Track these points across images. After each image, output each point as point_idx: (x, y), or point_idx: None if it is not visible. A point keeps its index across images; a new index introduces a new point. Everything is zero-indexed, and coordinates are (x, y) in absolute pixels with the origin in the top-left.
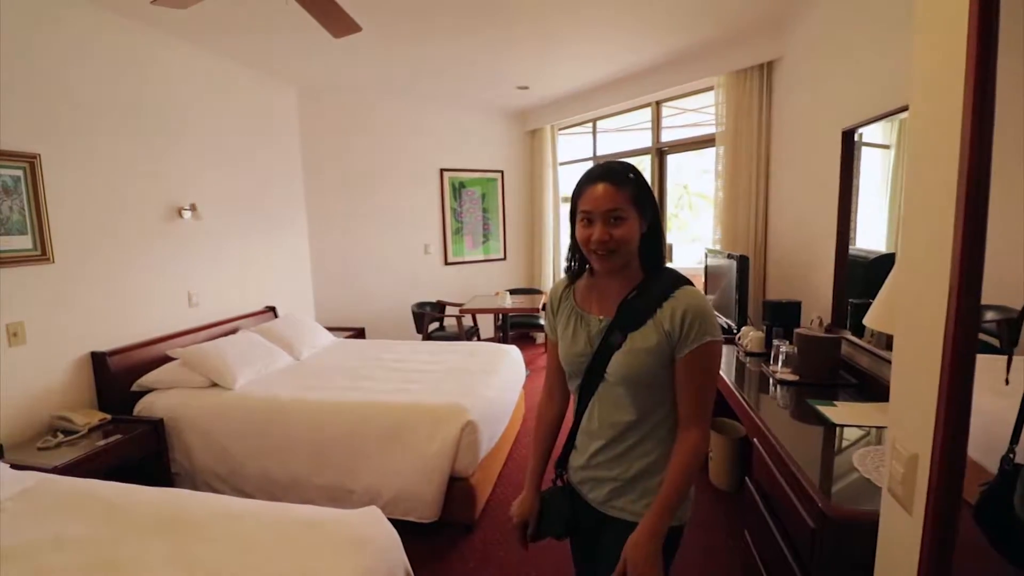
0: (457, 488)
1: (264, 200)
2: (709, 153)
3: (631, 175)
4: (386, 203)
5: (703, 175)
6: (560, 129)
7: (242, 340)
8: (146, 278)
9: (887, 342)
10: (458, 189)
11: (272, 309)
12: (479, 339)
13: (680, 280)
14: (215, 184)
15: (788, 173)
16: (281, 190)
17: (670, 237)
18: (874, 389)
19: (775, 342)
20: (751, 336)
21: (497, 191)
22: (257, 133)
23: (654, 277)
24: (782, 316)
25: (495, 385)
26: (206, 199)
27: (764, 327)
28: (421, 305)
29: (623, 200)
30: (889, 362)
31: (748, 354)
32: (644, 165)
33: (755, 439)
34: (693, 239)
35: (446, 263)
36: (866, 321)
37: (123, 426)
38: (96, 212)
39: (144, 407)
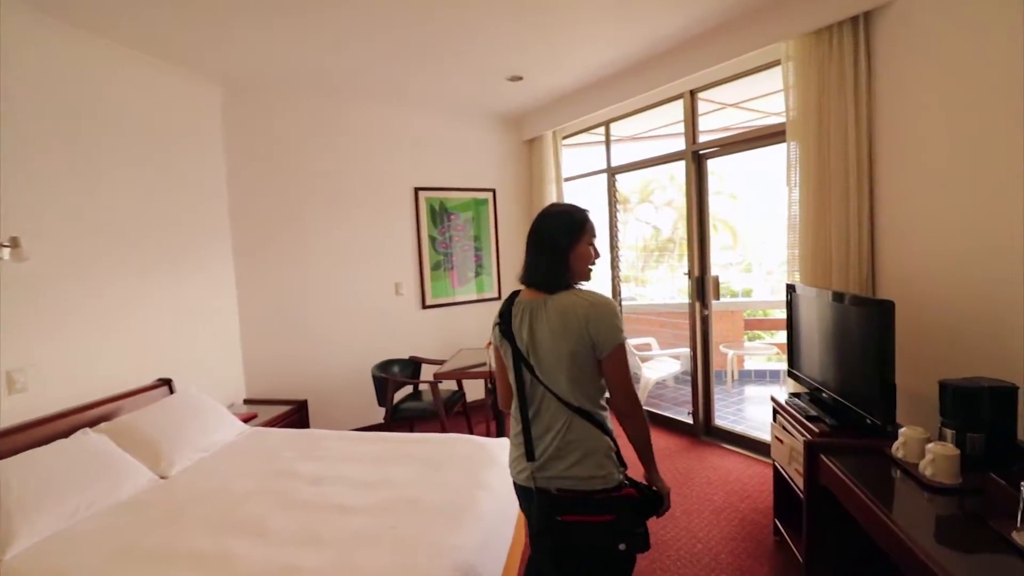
0: None
1: (159, 230)
2: (748, 158)
3: None
4: (342, 232)
5: (733, 194)
6: (565, 137)
7: (66, 453)
8: None
9: None
10: (439, 213)
11: (167, 383)
12: (466, 411)
13: None
14: (72, 208)
15: (922, 170)
16: (190, 217)
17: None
18: None
19: None
20: (936, 453)
21: (489, 214)
22: (150, 140)
23: None
24: (983, 413)
25: (465, 544)
26: (52, 230)
27: (946, 431)
28: (385, 366)
29: None
30: None
31: (932, 488)
32: (677, 172)
33: None
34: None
35: (424, 306)
36: None
37: None
38: None
39: None
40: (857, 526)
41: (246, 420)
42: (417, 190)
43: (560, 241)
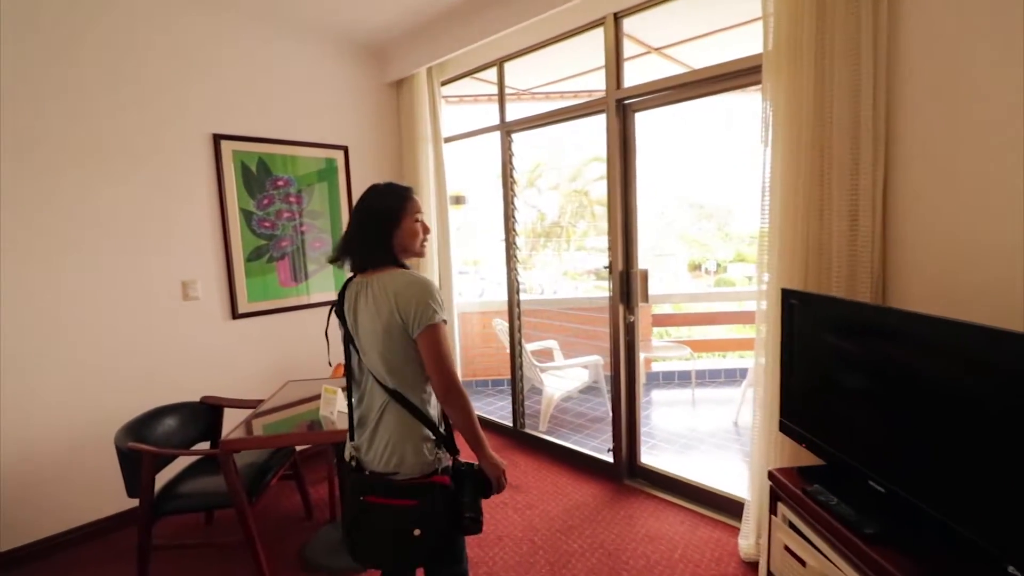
0: None
1: None
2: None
3: None
4: (77, 203)
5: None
6: (445, 83)
7: None
8: None
9: None
10: (259, 177)
11: None
12: (297, 472)
13: None
14: None
15: (978, 128)
16: None
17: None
18: None
19: None
20: None
21: (340, 181)
22: None
23: None
24: None
25: None
26: None
27: None
28: (146, 423)
29: None
30: None
31: None
32: (596, 127)
33: None
34: (578, 248)
35: (234, 315)
36: None
37: None
38: None
39: None
40: None
41: None
42: (218, 138)
43: (384, 217)
